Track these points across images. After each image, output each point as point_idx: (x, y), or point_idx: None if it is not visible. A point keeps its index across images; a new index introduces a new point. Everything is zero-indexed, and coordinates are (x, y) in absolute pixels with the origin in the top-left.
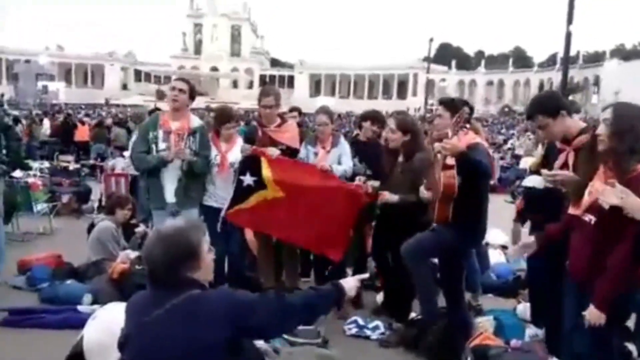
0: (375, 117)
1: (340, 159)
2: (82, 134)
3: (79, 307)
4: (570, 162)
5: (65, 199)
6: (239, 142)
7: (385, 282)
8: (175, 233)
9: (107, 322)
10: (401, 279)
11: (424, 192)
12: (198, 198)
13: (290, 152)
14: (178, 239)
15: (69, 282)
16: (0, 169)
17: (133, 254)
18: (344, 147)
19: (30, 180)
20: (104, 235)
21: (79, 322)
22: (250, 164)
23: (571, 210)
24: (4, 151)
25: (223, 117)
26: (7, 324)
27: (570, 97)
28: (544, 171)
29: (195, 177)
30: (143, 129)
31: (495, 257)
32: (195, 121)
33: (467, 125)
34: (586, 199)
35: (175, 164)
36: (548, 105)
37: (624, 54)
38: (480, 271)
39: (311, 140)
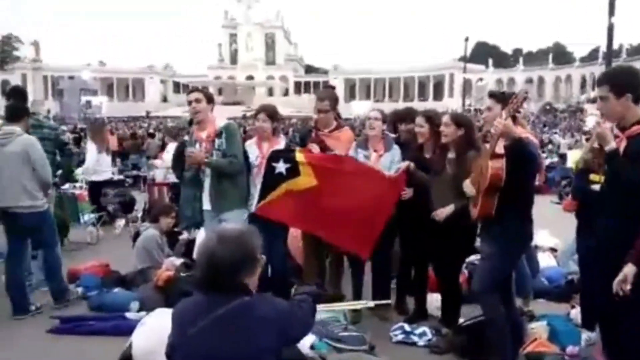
0: (409, 116)
1: (391, 165)
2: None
3: (127, 314)
4: (622, 150)
5: (110, 208)
6: (282, 144)
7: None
8: (238, 236)
9: (154, 328)
10: (449, 285)
11: (468, 186)
12: (239, 202)
13: None
14: (241, 242)
15: (116, 290)
16: (54, 184)
17: (178, 261)
18: (397, 152)
19: (77, 191)
20: (149, 244)
21: (128, 329)
22: (284, 152)
23: None
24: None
25: (256, 110)
26: (58, 332)
27: None
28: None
29: (229, 179)
30: (181, 147)
31: (545, 260)
32: (221, 122)
33: (522, 109)
34: None
35: (208, 171)
36: (618, 80)
37: None
38: (531, 275)
39: (362, 143)
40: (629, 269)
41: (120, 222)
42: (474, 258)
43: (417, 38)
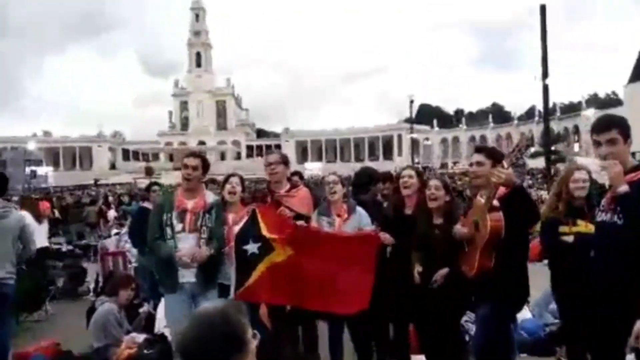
0: (390, 177)
1: (359, 229)
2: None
3: None
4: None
5: (59, 282)
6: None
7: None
8: (221, 316)
9: None
10: (441, 346)
11: (459, 229)
12: (216, 277)
13: (300, 219)
14: (224, 323)
15: None
16: None
17: (139, 337)
18: (362, 214)
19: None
20: (107, 320)
21: None
22: (250, 230)
23: None
24: None
25: (227, 176)
26: None
27: (553, 147)
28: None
29: (214, 258)
30: (156, 210)
31: (521, 312)
32: (211, 197)
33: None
34: None
35: (192, 241)
36: (626, 125)
37: (599, 103)
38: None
39: (324, 209)
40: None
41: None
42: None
43: (362, 98)
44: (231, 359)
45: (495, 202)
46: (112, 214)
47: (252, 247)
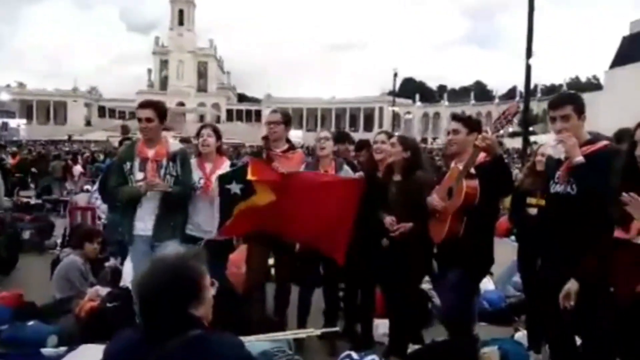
0: (347, 137)
1: None
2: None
3: (44, 350)
4: None
5: (26, 234)
6: (226, 165)
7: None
8: (176, 263)
9: None
10: (403, 310)
11: (433, 198)
12: (179, 228)
13: None
14: (180, 269)
15: (31, 323)
16: None
17: (103, 291)
18: (349, 173)
19: None
20: (70, 271)
21: None
22: (235, 173)
23: (617, 233)
24: None
25: (200, 127)
26: None
27: (531, 128)
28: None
29: (175, 205)
30: (118, 160)
31: (484, 283)
32: (175, 145)
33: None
34: (637, 223)
35: (152, 193)
36: (580, 102)
37: (580, 87)
38: None
39: (311, 164)
40: (571, 285)
41: None
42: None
43: (347, 68)
44: (187, 304)
45: (472, 170)
46: (77, 168)
47: (234, 187)
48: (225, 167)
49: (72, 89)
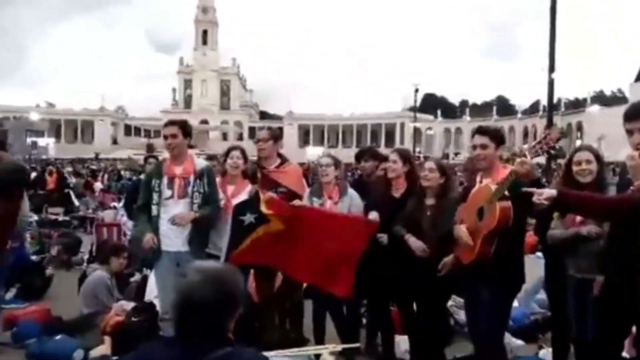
0: (374, 153)
1: (350, 211)
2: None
3: None
4: None
5: (54, 250)
6: (248, 187)
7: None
8: (222, 273)
9: None
10: (425, 327)
11: (462, 232)
12: (204, 246)
13: (292, 197)
14: (225, 280)
15: (58, 337)
16: None
17: (128, 305)
18: (354, 197)
19: None
20: (97, 287)
21: None
22: (249, 204)
23: None
24: None
25: (229, 148)
26: None
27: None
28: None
29: (206, 224)
30: (146, 177)
31: None
32: (201, 163)
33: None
34: None
35: (182, 207)
36: None
37: (604, 100)
38: None
39: (315, 191)
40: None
41: None
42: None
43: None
44: (225, 317)
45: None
46: (98, 185)
47: (248, 218)
48: (246, 190)
49: (99, 108)
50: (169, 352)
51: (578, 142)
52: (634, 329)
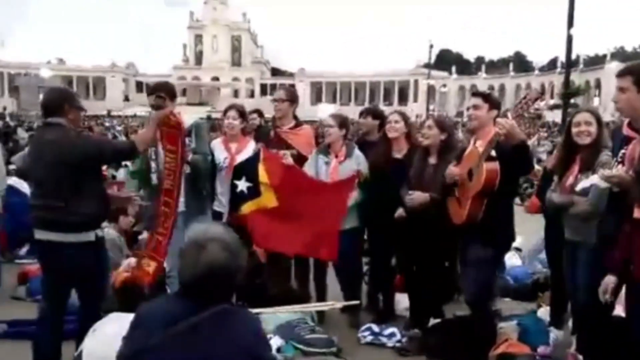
0: (375, 112)
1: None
2: None
3: None
4: (637, 154)
5: None
6: (251, 144)
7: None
8: (235, 242)
9: (108, 334)
10: (424, 285)
11: (451, 169)
12: (208, 202)
13: (301, 159)
14: (237, 248)
15: None
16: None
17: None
18: (360, 158)
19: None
20: (106, 244)
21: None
22: (248, 166)
23: (637, 214)
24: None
25: (225, 108)
26: (6, 336)
27: (572, 100)
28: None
29: (201, 178)
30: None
31: (511, 259)
32: (188, 120)
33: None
34: None
35: None
36: None
37: (625, 57)
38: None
39: (323, 149)
40: (609, 279)
41: None
42: None
43: (381, 42)
44: (230, 280)
45: (492, 152)
46: None
47: (242, 184)
48: (249, 147)
49: (110, 64)
50: (171, 307)
51: (596, 100)
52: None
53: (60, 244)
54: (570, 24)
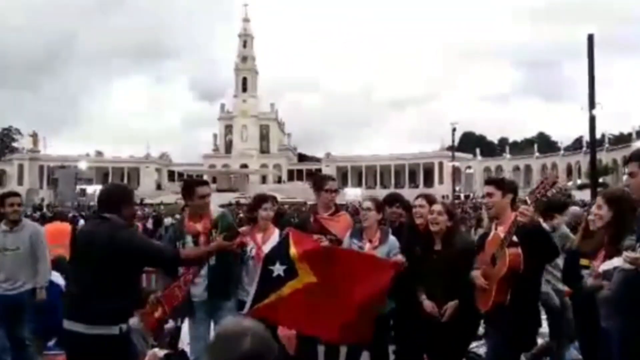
0: (400, 200)
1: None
2: None
3: None
4: None
5: None
6: (276, 232)
7: None
8: (267, 333)
9: None
10: None
11: (477, 277)
12: (233, 292)
13: (337, 244)
14: (270, 338)
15: None
16: None
17: (161, 352)
18: (394, 244)
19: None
20: (132, 334)
21: None
22: (279, 251)
23: None
24: None
25: (259, 198)
26: None
27: (601, 180)
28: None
29: (226, 268)
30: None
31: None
32: (216, 212)
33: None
34: None
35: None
36: None
37: None
38: None
39: (356, 232)
40: None
41: None
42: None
43: (405, 127)
44: None
45: (514, 237)
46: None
47: (278, 269)
48: (275, 236)
49: (145, 155)
50: None
51: (625, 178)
52: None
53: (84, 336)
54: (591, 105)
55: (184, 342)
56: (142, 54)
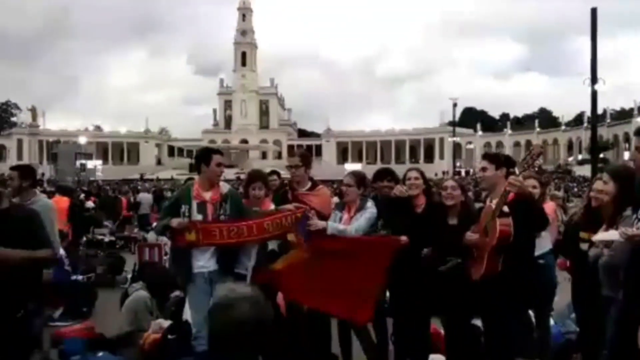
0: (391, 173)
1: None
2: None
3: None
4: None
5: (99, 270)
6: (272, 207)
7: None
8: (261, 296)
9: None
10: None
11: (470, 235)
12: (232, 263)
13: (320, 218)
14: (264, 301)
15: (100, 354)
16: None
17: (166, 323)
18: (368, 211)
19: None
20: (137, 305)
21: None
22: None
23: None
24: None
25: (251, 177)
26: None
27: (602, 155)
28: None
29: None
30: (174, 201)
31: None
32: (225, 187)
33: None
34: None
35: None
36: None
37: None
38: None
39: (340, 205)
40: None
41: None
42: None
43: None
44: (259, 338)
45: (505, 208)
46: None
47: (272, 243)
48: (270, 209)
49: (144, 130)
50: None
51: (626, 154)
52: None
53: None
54: (593, 80)
55: (188, 313)
56: (140, 28)
